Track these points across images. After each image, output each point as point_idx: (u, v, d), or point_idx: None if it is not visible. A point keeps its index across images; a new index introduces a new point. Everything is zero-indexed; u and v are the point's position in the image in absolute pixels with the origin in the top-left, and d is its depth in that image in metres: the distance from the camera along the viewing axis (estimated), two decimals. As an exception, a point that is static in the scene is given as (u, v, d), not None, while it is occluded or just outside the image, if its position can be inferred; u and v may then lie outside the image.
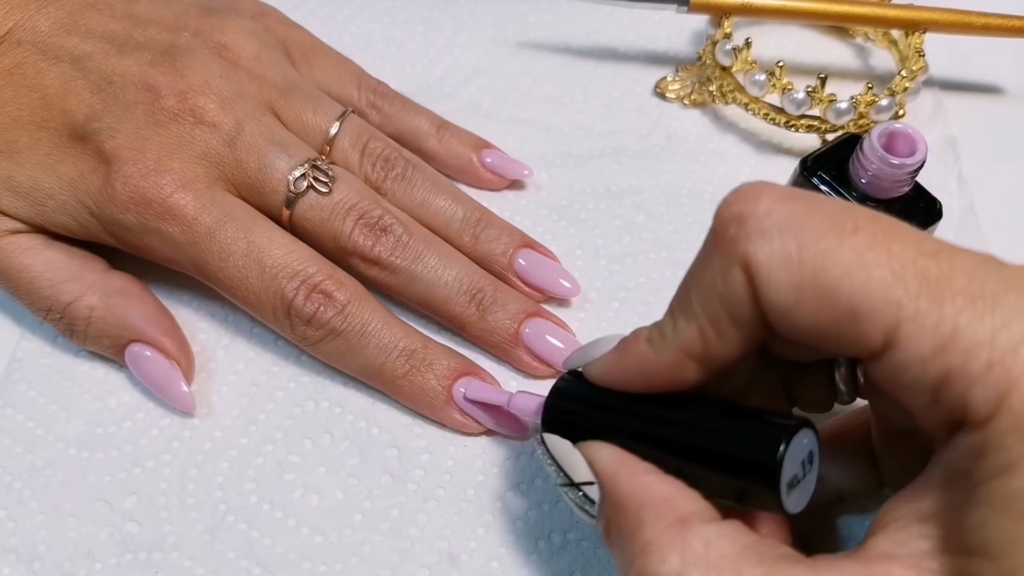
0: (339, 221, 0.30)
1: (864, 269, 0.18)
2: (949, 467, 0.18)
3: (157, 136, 0.29)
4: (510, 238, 0.33)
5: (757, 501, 0.21)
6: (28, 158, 0.30)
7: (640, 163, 0.38)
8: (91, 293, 0.30)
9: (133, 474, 0.29)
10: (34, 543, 0.27)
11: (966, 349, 0.17)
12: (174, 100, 0.30)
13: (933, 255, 0.18)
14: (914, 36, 0.39)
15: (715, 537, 0.20)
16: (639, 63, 0.42)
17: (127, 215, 0.29)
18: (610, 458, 0.22)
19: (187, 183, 0.29)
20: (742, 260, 0.19)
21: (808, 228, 0.19)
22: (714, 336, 0.20)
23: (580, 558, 0.27)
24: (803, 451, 0.21)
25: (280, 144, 0.30)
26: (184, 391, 0.29)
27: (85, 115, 0.30)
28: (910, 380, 0.18)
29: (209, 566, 0.27)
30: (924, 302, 0.18)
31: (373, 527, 0.28)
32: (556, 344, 0.31)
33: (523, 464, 0.29)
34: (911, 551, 0.18)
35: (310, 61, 0.35)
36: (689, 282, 0.21)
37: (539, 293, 0.33)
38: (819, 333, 0.19)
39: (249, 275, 0.29)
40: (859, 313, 0.18)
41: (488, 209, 0.34)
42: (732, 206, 0.20)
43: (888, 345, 0.18)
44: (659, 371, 0.22)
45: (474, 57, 0.42)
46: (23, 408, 0.30)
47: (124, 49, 0.31)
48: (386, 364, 0.29)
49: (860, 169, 0.31)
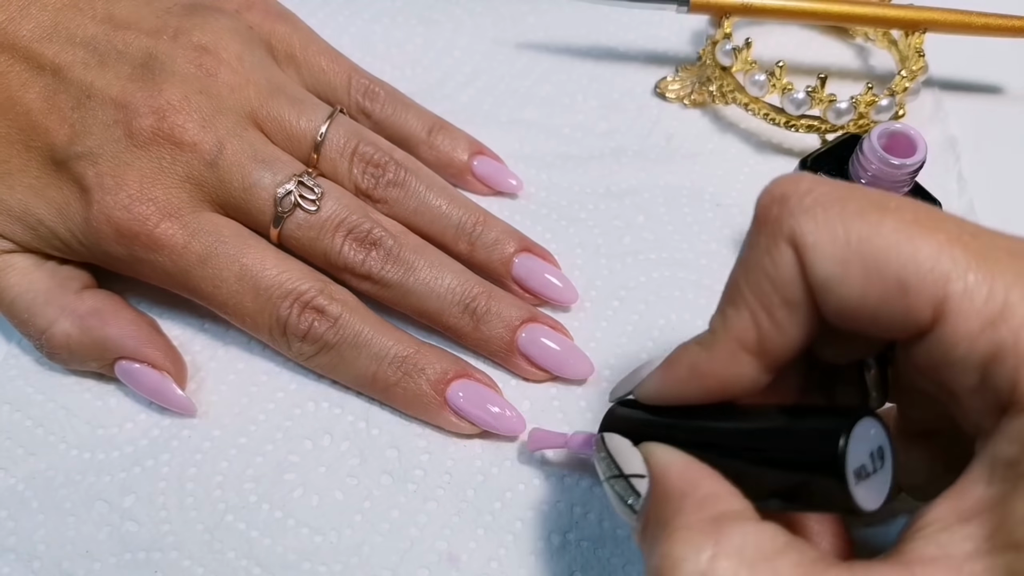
0: (328, 239, 0.30)
1: (911, 242, 0.18)
2: (995, 457, 0.18)
3: (137, 160, 0.29)
4: (508, 242, 0.32)
5: (824, 498, 0.19)
6: (19, 181, 0.29)
7: (640, 163, 0.38)
8: (64, 318, 0.29)
9: (132, 473, 0.29)
10: (33, 543, 0.27)
11: (1018, 326, 0.17)
12: (152, 119, 0.29)
13: (975, 235, 0.18)
14: (914, 36, 0.39)
15: (753, 533, 0.19)
16: (639, 63, 0.42)
17: (115, 247, 0.29)
18: (667, 452, 0.22)
19: (172, 211, 0.29)
20: (788, 236, 0.19)
21: (850, 204, 0.19)
22: (767, 322, 0.20)
23: (580, 559, 0.27)
24: (870, 442, 0.20)
25: (264, 161, 0.30)
26: (181, 396, 0.29)
27: (67, 136, 0.29)
28: (958, 357, 0.18)
29: (208, 566, 0.27)
30: (973, 276, 0.17)
31: (373, 527, 0.28)
32: (553, 348, 0.31)
33: (523, 464, 0.29)
34: (953, 552, 0.17)
35: (296, 59, 0.35)
36: (736, 272, 0.21)
37: (537, 298, 0.33)
38: (868, 310, 0.19)
39: (244, 299, 0.29)
40: (908, 286, 0.18)
41: (485, 210, 0.33)
42: (773, 189, 0.20)
43: (937, 319, 0.18)
44: (714, 372, 0.21)
45: (474, 58, 0.42)
46: (21, 406, 0.30)
47: (105, 60, 0.30)
48: (378, 373, 0.29)
49: (860, 169, 0.31)
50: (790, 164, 0.33)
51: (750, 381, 0.21)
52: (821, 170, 0.32)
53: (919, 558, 0.18)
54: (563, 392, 0.31)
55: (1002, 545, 0.17)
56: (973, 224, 0.19)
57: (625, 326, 0.33)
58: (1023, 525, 0.16)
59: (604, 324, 0.33)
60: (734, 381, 0.21)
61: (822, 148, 0.33)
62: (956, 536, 0.17)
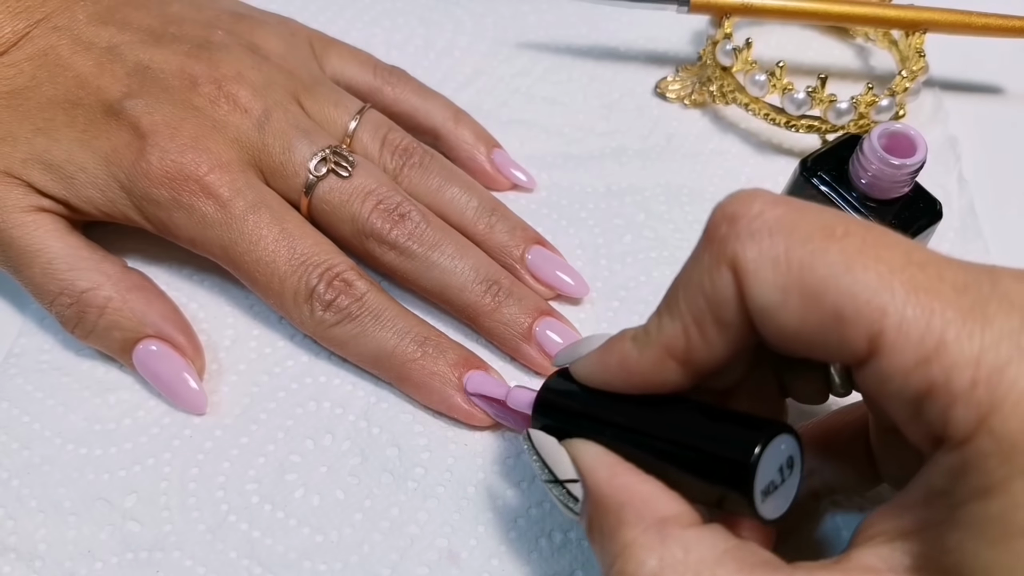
0: (357, 204, 0.31)
1: (851, 273, 0.18)
2: (929, 485, 0.18)
3: (193, 117, 0.30)
4: (523, 232, 0.33)
5: (734, 506, 0.21)
6: (65, 134, 0.30)
7: (640, 163, 0.38)
8: (109, 285, 0.30)
9: (133, 472, 0.29)
10: (34, 542, 0.27)
11: (950, 365, 0.17)
12: (211, 87, 0.31)
13: (923, 266, 0.18)
14: (914, 36, 0.39)
15: (694, 541, 0.20)
16: (639, 63, 0.42)
17: (160, 190, 0.29)
18: (594, 456, 0.22)
19: (223, 165, 0.30)
20: (731, 260, 0.19)
21: (798, 230, 0.19)
22: (697, 336, 0.20)
23: (581, 556, 0.27)
24: (781, 456, 0.21)
25: (304, 131, 0.31)
26: (195, 390, 0.30)
27: (121, 92, 0.30)
28: (893, 390, 0.18)
29: (210, 566, 0.27)
30: (911, 311, 0.17)
31: (373, 526, 0.28)
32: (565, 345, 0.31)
33: (524, 462, 0.29)
34: (893, 566, 0.18)
35: (329, 53, 0.36)
36: (678, 281, 0.21)
37: (548, 289, 0.33)
38: (805, 337, 0.19)
39: (278, 260, 0.30)
40: (844, 317, 0.18)
41: (501, 202, 0.34)
42: (726, 207, 0.20)
43: (872, 352, 0.18)
44: (641, 371, 0.22)
45: (474, 58, 0.42)
46: (20, 404, 0.30)
47: (161, 40, 0.32)
48: (399, 347, 0.29)
49: (860, 170, 0.31)
50: (790, 164, 0.34)
51: (674, 385, 0.22)
52: (821, 170, 0.32)
53: (861, 567, 0.19)
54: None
55: (934, 568, 0.18)
56: (926, 252, 0.18)
57: (625, 326, 0.33)
58: (950, 555, 0.17)
59: (604, 325, 0.33)
60: (659, 382, 0.22)
61: (822, 148, 0.33)
62: (896, 551, 0.18)
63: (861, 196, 0.31)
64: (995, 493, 0.16)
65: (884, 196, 0.31)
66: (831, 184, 0.32)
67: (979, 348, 0.17)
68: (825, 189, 0.32)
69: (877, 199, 0.31)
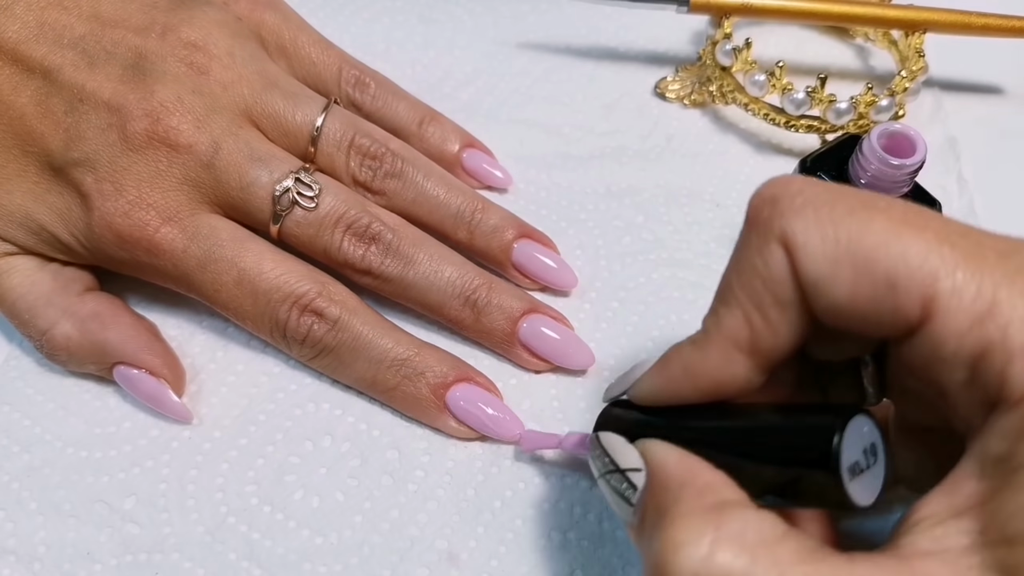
0: (328, 235, 0.30)
1: (899, 240, 0.18)
2: (985, 453, 0.18)
3: (134, 165, 0.29)
4: (507, 228, 0.33)
5: (819, 494, 0.20)
6: (18, 186, 0.29)
7: (640, 163, 0.38)
8: (65, 320, 0.29)
9: (132, 475, 0.29)
10: (34, 544, 0.27)
11: (1005, 323, 0.17)
12: (146, 122, 0.29)
13: (964, 234, 0.18)
14: (914, 36, 0.39)
15: (754, 520, 0.19)
16: (639, 63, 0.42)
17: (118, 252, 0.29)
18: (663, 447, 0.22)
19: (170, 215, 0.29)
20: (779, 236, 0.19)
21: (840, 204, 0.19)
22: (760, 321, 0.20)
23: (580, 557, 0.27)
24: (864, 439, 0.20)
25: (260, 159, 0.30)
26: (177, 403, 0.29)
27: (62, 141, 0.29)
28: (947, 354, 0.18)
29: (209, 568, 0.27)
30: (961, 274, 0.18)
31: (373, 527, 0.28)
32: (554, 338, 0.31)
33: (523, 464, 0.29)
34: (949, 547, 0.17)
35: (286, 50, 0.34)
36: (728, 272, 0.21)
37: (537, 284, 0.33)
38: (858, 308, 0.19)
39: (243, 303, 0.29)
40: (896, 283, 0.18)
41: (484, 197, 0.33)
42: (764, 192, 0.20)
43: (926, 317, 0.18)
44: (707, 372, 0.21)
45: (474, 58, 0.42)
46: (21, 407, 0.30)
47: (94, 61, 0.29)
48: (377, 376, 0.29)
49: (860, 170, 0.31)
50: (790, 164, 0.33)
51: (744, 381, 0.21)
52: (821, 170, 0.32)
53: (916, 552, 0.18)
54: (563, 392, 0.31)
55: (995, 540, 0.17)
56: (961, 224, 0.19)
57: (625, 327, 0.33)
58: (1014, 520, 0.17)
59: (604, 325, 0.33)
60: (728, 381, 0.21)
61: (822, 148, 0.33)
62: (951, 531, 0.18)
63: (861, 197, 0.31)
64: None
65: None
66: (831, 185, 0.32)
67: None
68: (825, 190, 0.32)
69: (877, 200, 0.31)
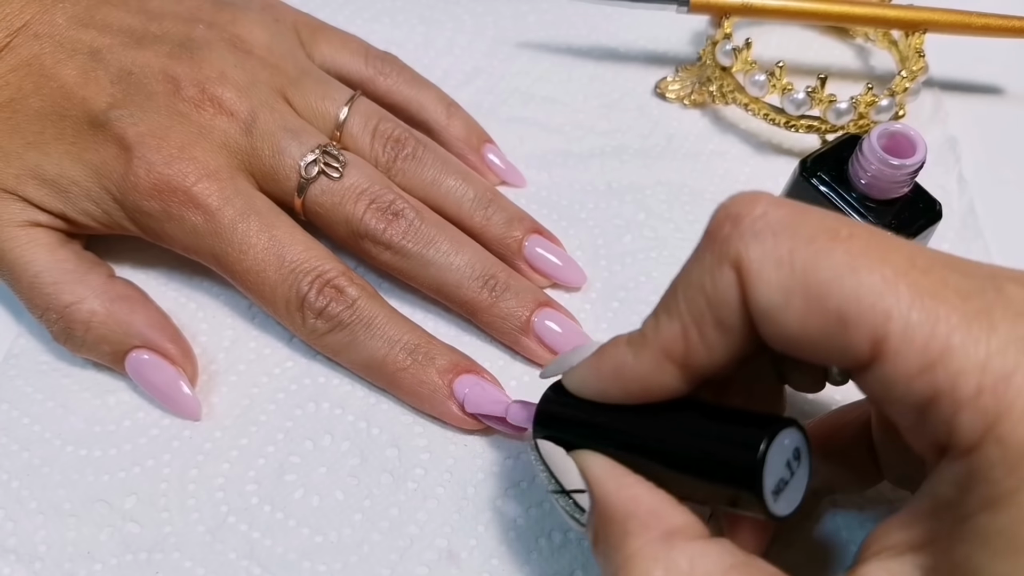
0: (351, 205, 0.31)
1: (855, 274, 0.17)
2: (935, 496, 0.18)
3: (179, 125, 0.30)
4: (520, 222, 0.33)
5: (746, 507, 0.21)
6: (55, 148, 0.30)
7: (640, 163, 0.38)
8: (93, 297, 0.30)
9: (133, 474, 0.29)
10: (34, 543, 0.27)
11: (956, 371, 0.16)
12: (194, 90, 0.30)
13: (926, 271, 0.17)
14: (914, 36, 0.39)
15: (700, 555, 0.19)
16: (639, 63, 0.42)
17: (150, 202, 0.29)
18: (600, 468, 0.22)
19: (211, 172, 0.30)
20: (734, 259, 0.19)
21: (802, 231, 0.18)
22: (697, 338, 0.20)
23: (580, 556, 0.27)
24: (787, 451, 0.20)
25: (292, 131, 0.31)
26: (188, 396, 0.29)
27: (106, 103, 0.30)
28: (896, 396, 0.17)
29: (210, 567, 0.27)
30: (916, 315, 0.17)
31: (373, 526, 0.28)
32: (565, 334, 0.31)
33: (524, 462, 0.29)
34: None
35: (318, 40, 0.36)
36: (677, 282, 0.21)
37: (546, 279, 0.33)
38: (807, 340, 0.18)
39: (267, 268, 0.29)
40: (847, 320, 0.17)
41: (498, 191, 0.34)
42: (729, 207, 0.20)
43: (875, 357, 0.17)
44: (637, 376, 0.21)
45: (474, 57, 0.42)
46: (20, 405, 0.30)
47: (142, 42, 0.31)
48: (388, 356, 0.29)
49: (860, 170, 0.31)
50: (790, 164, 0.33)
51: (672, 390, 0.21)
52: (821, 170, 0.32)
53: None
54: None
55: None
56: (930, 255, 0.18)
57: (625, 326, 0.32)
58: (960, 569, 0.17)
59: (604, 325, 0.33)
60: (656, 388, 0.21)
61: (822, 148, 0.33)
62: (907, 565, 0.18)
63: (860, 196, 0.31)
64: (1003, 504, 0.16)
65: (884, 196, 0.31)
66: (831, 184, 0.32)
67: (985, 354, 0.16)
68: (824, 189, 0.32)
69: (877, 199, 0.31)
